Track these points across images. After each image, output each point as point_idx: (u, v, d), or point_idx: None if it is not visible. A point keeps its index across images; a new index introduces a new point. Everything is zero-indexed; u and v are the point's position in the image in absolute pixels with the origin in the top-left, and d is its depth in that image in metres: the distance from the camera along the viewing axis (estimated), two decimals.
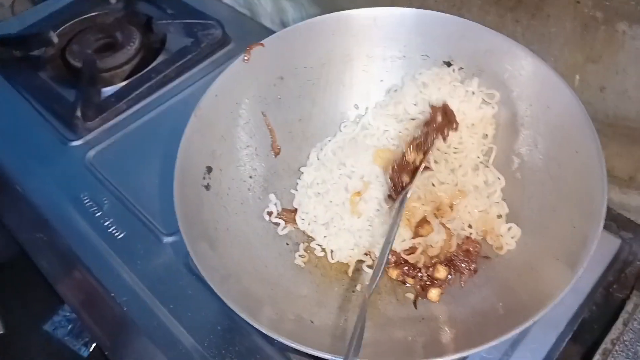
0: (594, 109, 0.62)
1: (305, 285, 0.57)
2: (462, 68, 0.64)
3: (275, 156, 0.66)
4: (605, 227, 0.49)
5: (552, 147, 0.57)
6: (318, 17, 0.64)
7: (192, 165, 0.56)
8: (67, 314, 0.93)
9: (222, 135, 0.61)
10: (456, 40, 0.63)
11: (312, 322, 0.51)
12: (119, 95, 0.83)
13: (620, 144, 0.64)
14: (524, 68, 0.59)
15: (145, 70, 0.86)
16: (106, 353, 0.69)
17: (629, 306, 0.65)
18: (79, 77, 0.86)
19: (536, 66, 0.58)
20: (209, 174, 0.58)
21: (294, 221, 0.62)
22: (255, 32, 0.95)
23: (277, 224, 0.62)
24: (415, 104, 0.64)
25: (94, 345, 0.92)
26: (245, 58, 0.61)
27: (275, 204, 0.62)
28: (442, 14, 0.63)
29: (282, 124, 0.66)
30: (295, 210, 0.62)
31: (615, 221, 0.69)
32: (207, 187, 0.57)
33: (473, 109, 0.62)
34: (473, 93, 0.63)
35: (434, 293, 0.55)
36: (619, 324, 0.64)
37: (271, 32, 0.97)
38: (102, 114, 0.81)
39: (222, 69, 0.86)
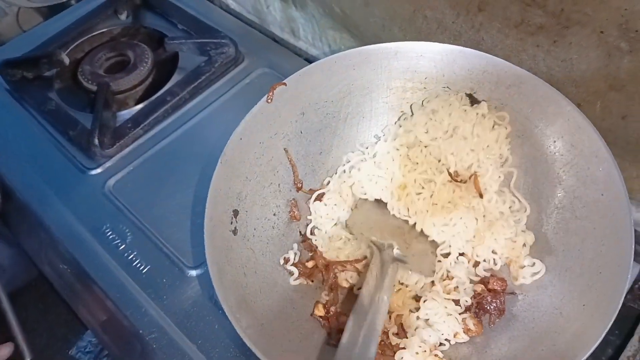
0: (614, 136, 0.62)
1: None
2: (484, 100, 0.64)
3: (298, 191, 0.66)
4: None
5: (577, 186, 0.57)
6: (339, 53, 0.63)
7: (220, 212, 0.57)
8: (92, 339, 0.95)
9: (246, 176, 0.61)
10: (478, 73, 0.62)
11: None
12: (135, 120, 0.82)
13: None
14: (549, 105, 0.59)
15: (160, 93, 0.86)
16: None
17: None
18: (93, 99, 0.85)
19: (560, 105, 0.58)
20: (235, 217, 0.58)
21: (309, 277, 0.62)
22: (267, 47, 0.95)
23: (292, 273, 0.61)
24: (426, 132, 0.64)
25: None
26: (269, 100, 0.61)
27: (295, 253, 0.62)
28: (464, 48, 0.62)
29: (304, 158, 0.67)
30: (313, 267, 0.62)
31: None
32: (235, 232, 0.58)
33: (487, 131, 0.62)
34: (484, 116, 0.63)
35: None
36: (634, 341, 0.65)
37: (282, 44, 0.98)
38: (120, 140, 0.80)
39: (237, 88, 0.88)
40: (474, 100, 0.64)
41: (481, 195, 0.61)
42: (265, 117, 0.62)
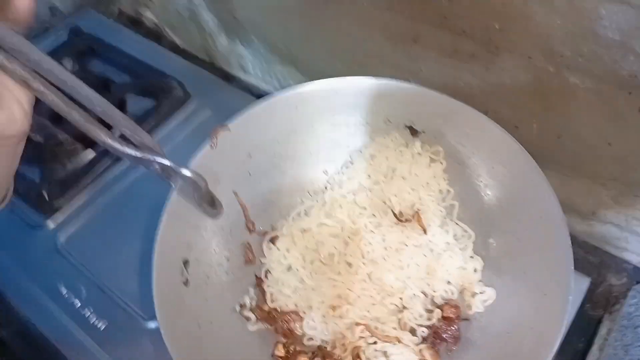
0: (552, 155, 0.64)
1: None
2: (424, 132, 0.66)
3: (250, 232, 0.66)
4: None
5: (518, 210, 0.59)
6: (280, 95, 0.64)
7: (169, 263, 0.56)
8: None
9: (195, 224, 0.60)
10: (416, 106, 0.64)
11: None
12: (83, 170, 0.82)
13: (581, 183, 0.67)
14: (482, 133, 0.61)
15: None
16: None
17: (602, 331, 0.68)
18: (40, 151, 0.84)
19: (493, 132, 0.59)
20: (186, 268, 0.58)
21: (267, 321, 0.61)
22: (214, 84, 0.95)
23: (249, 319, 0.61)
24: (368, 177, 0.66)
25: None
26: (212, 146, 0.61)
27: (252, 298, 0.62)
28: (401, 82, 0.63)
29: (254, 198, 0.67)
30: (272, 310, 0.61)
31: (581, 247, 0.72)
32: (186, 283, 0.57)
33: (424, 168, 0.65)
34: (419, 154, 0.65)
35: None
36: (594, 350, 0.67)
37: (234, 81, 0.99)
38: (69, 191, 0.79)
39: (186, 130, 0.87)
40: (414, 132, 0.66)
41: (425, 231, 0.62)
42: (211, 163, 0.62)
